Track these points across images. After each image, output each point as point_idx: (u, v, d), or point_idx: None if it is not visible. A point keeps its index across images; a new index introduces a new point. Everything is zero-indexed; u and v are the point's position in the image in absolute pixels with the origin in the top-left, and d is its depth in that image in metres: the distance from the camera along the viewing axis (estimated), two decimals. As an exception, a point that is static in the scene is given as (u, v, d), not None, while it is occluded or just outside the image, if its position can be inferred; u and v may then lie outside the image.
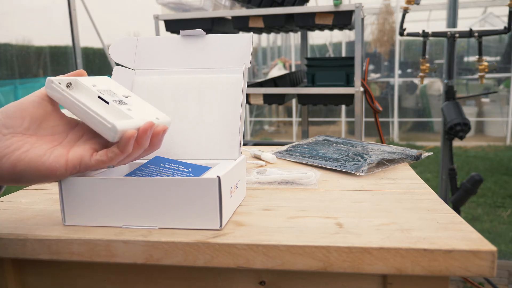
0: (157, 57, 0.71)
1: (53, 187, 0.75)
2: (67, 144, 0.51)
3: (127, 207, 0.52)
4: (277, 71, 6.18)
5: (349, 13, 1.78)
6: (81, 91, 0.53)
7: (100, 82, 0.56)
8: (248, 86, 1.99)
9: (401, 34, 2.07)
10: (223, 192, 0.50)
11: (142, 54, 0.72)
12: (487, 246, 0.44)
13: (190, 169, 0.61)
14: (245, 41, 0.67)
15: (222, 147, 0.64)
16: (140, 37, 0.73)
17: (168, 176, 0.59)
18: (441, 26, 5.25)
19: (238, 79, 0.67)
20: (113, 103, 0.53)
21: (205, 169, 0.60)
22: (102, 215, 0.53)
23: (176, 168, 0.61)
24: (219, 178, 0.49)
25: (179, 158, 0.65)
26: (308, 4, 1.99)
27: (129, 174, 0.61)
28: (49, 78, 0.51)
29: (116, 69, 0.70)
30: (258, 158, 0.92)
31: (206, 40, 0.69)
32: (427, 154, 0.87)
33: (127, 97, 0.56)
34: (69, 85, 0.53)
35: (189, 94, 0.68)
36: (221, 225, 0.51)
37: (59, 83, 0.52)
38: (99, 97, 0.53)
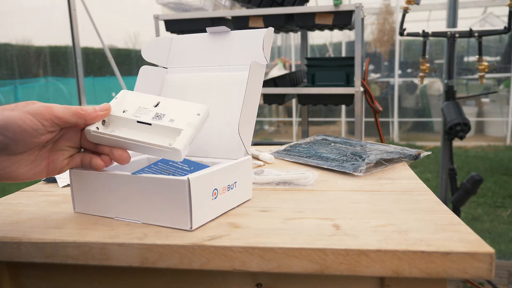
0: (188, 55, 0.73)
1: (49, 189, 0.74)
2: (42, 159, 0.53)
3: (118, 200, 0.55)
4: (277, 71, 6.18)
5: (349, 13, 1.78)
6: (119, 125, 0.55)
7: (124, 102, 0.57)
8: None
9: (401, 34, 2.06)
10: (196, 194, 0.51)
11: (175, 53, 0.74)
12: (485, 248, 0.44)
13: (192, 168, 0.61)
14: (264, 36, 0.65)
15: (229, 146, 0.64)
16: (175, 36, 0.74)
17: (169, 174, 0.59)
18: (441, 26, 5.24)
19: (246, 77, 0.65)
20: (154, 122, 0.54)
21: (204, 168, 0.60)
22: (100, 205, 0.57)
23: (179, 167, 0.62)
24: (188, 179, 0.49)
25: (193, 155, 0.67)
26: (308, 4, 1.99)
27: (139, 171, 0.62)
28: (86, 129, 0.54)
29: (143, 69, 0.71)
30: (256, 158, 0.92)
31: (230, 37, 0.70)
32: (425, 153, 0.86)
33: (157, 105, 0.57)
34: (104, 122, 0.55)
35: (209, 91, 0.69)
36: (191, 226, 0.51)
37: (97, 128, 0.54)
38: (138, 121, 0.55)
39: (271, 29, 0.65)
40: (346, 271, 0.45)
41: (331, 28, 2.04)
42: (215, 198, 0.55)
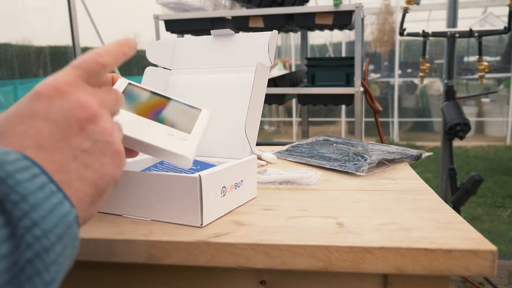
0: (191, 57, 0.74)
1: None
2: None
3: (127, 197, 0.55)
4: (277, 71, 6.18)
5: (349, 13, 1.78)
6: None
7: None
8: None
9: (401, 34, 2.07)
10: (206, 191, 0.51)
11: (178, 54, 0.75)
12: (487, 245, 0.44)
13: (198, 167, 0.62)
14: (268, 39, 0.66)
15: (234, 146, 0.65)
16: (178, 38, 0.75)
17: (176, 173, 0.60)
18: (441, 26, 5.25)
19: (251, 79, 0.66)
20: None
21: (211, 167, 0.61)
22: (108, 202, 0.57)
23: None
24: (200, 176, 0.50)
25: (199, 155, 0.67)
26: (308, 4, 2.00)
27: (146, 169, 0.63)
28: None
29: (148, 69, 0.72)
30: (258, 158, 0.92)
31: (234, 39, 0.70)
32: (427, 154, 0.87)
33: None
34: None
35: (213, 93, 0.69)
36: (202, 223, 0.51)
37: None
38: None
39: (276, 32, 0.66)
40: (350, 268, 0.46)
41: (331, 28, 2.05)
42: (223, 195, 0.55)
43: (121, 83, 0.56)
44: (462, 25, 2.15)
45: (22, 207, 0.27)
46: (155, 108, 0.55)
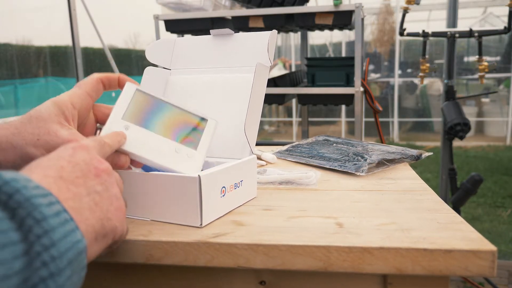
0: (191, 57, 0.73)
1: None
2: None
3: (126, 197, 0.54)
4: (277, 71, 6.18)
5: (349, 13, 1.78)
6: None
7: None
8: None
9: (401, 34, 2.07)
10: (206, 191, 0.51)
11: (178, 54, 0.74)
12: (487, 246, 0.44)
13: None
14: (268, 38, 0.67)
15: (234, 146, 0.65)
16: (178, 38, 0.75)
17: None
18: (441, 26, 5.25)
19: (251, 79, 0.66)
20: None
21: (211, 167, 0.61)
22: None
23: None
24: (199, 177, 0.50)
25: None
26: (308, 4, 2.00)
27: (146, 170, 0.62)
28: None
29: (148, 69, 0.72)
30: (258, 158, 0.92)
31: (234, 39, 0.70)
32: (427, 154, 0.87)
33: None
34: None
35: (213, 93, 0.69)
36: (201, 223, 0.51)
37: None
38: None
39: (275, 31, 0.66)
40: (350, 268, 0.46)
41: (331, 28, 2.05)
42: (223, 195, 0.55)
43: (129, 89, 0.55)
44: (462, 25, 2.15)
45: (43, 225, 0.29)
46: (162, 120, 0.55)
